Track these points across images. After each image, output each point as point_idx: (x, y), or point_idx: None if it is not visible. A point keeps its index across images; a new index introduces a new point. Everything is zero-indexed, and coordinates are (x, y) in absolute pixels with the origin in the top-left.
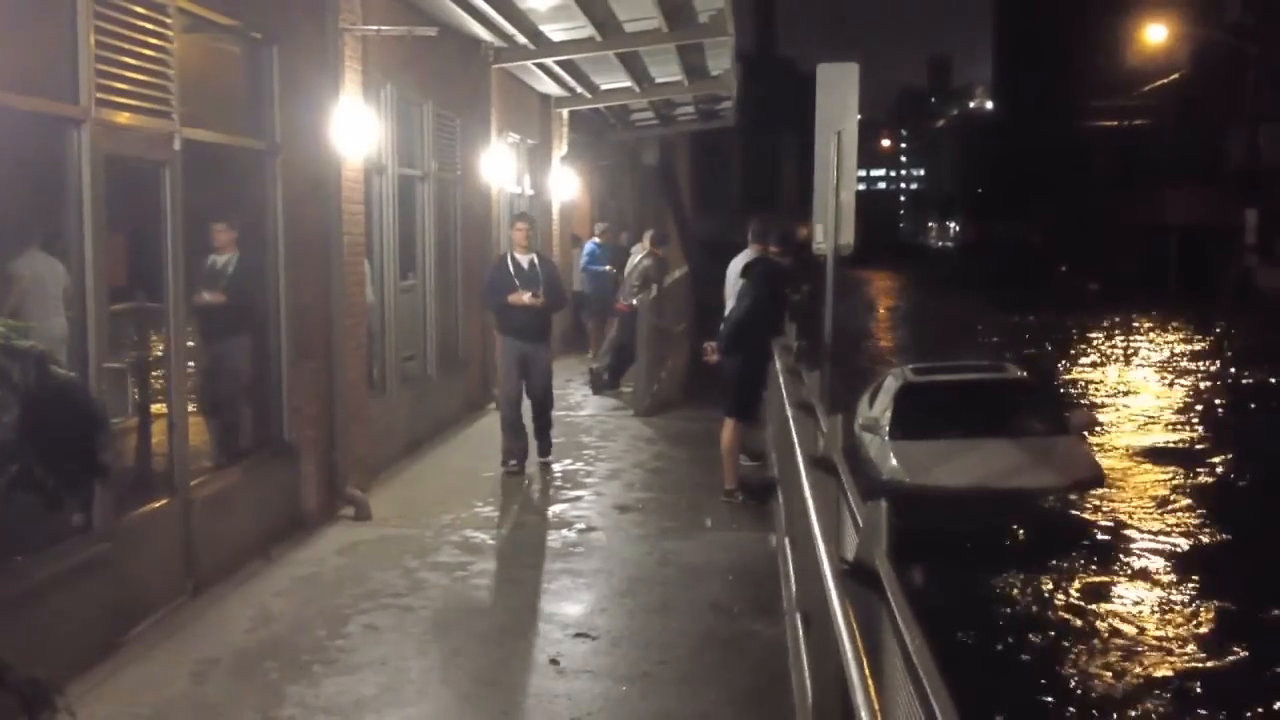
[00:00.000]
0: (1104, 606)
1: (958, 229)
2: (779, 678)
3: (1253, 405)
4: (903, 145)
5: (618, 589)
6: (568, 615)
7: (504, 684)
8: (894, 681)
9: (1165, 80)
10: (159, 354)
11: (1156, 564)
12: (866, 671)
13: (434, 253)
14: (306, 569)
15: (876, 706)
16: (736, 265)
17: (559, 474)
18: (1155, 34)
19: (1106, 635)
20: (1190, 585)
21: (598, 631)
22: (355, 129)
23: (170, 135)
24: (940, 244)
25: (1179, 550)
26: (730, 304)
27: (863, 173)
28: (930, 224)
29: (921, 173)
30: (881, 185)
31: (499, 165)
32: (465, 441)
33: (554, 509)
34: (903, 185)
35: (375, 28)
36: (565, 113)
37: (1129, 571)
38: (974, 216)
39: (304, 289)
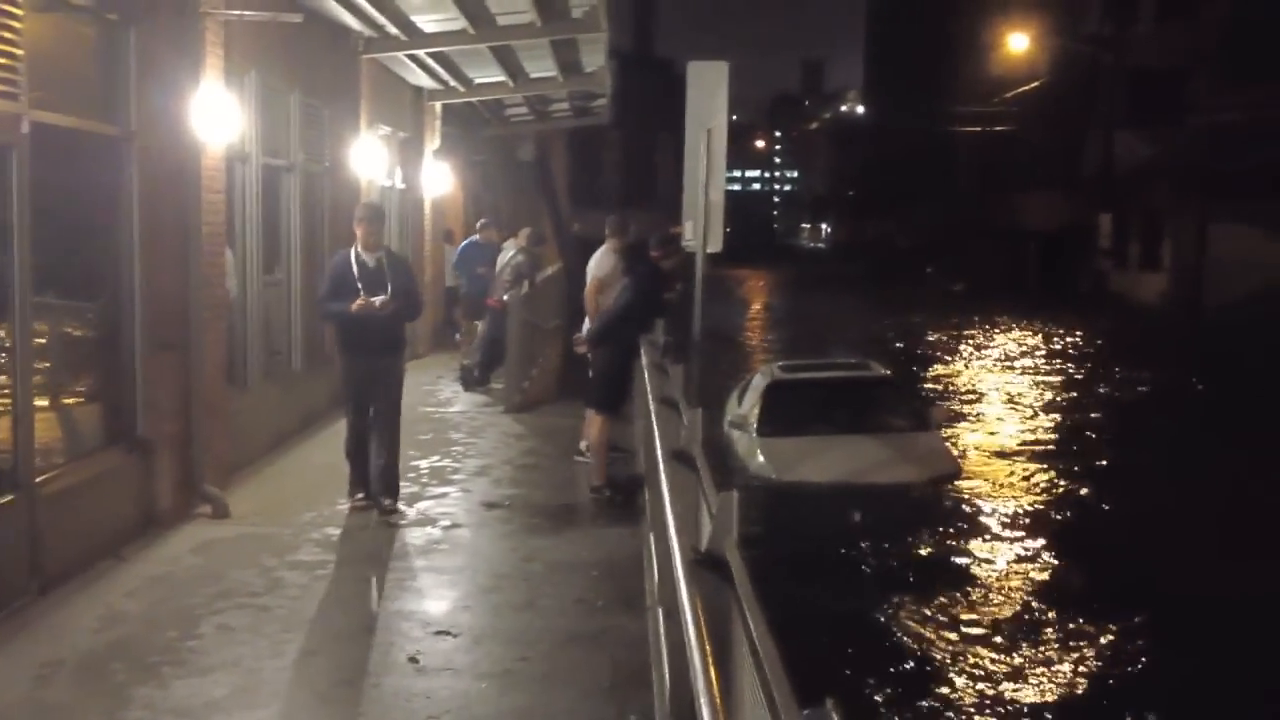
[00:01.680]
0: (954, 591)
1: (830, 230)
2: (641, 672)
3: (1100, 402)
4: (777, 147)
5: (482, 586)
6: (429, 613)
7: (361, 684)
8: (742, 668)
9: (1027, 88)
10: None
11: (1006, 549)
12: (710, 658)
13: (301, 245)
14: (159, 568)
15: (716, 691)
16: (594, 261)
17: (425, 470)
18: (1017, 42)
19: (954, 616)
20: (1036, 565)
21: (459, 629)
22: (216, 116)
23: (18, 118)
24: (813, 245)
25: (1028, 536)
26: (590, 299)
27: (737, 173)
28: (803, 225)
29: (795, 174)
30: (756, 186)
31: (369, 157)
32: (331, 437)
33: (419, 506)
34: (776, 186)
35: (238, 12)
36: (438, 106)
37: (979, 557)
38: (846, 218)
39: (161, 279)
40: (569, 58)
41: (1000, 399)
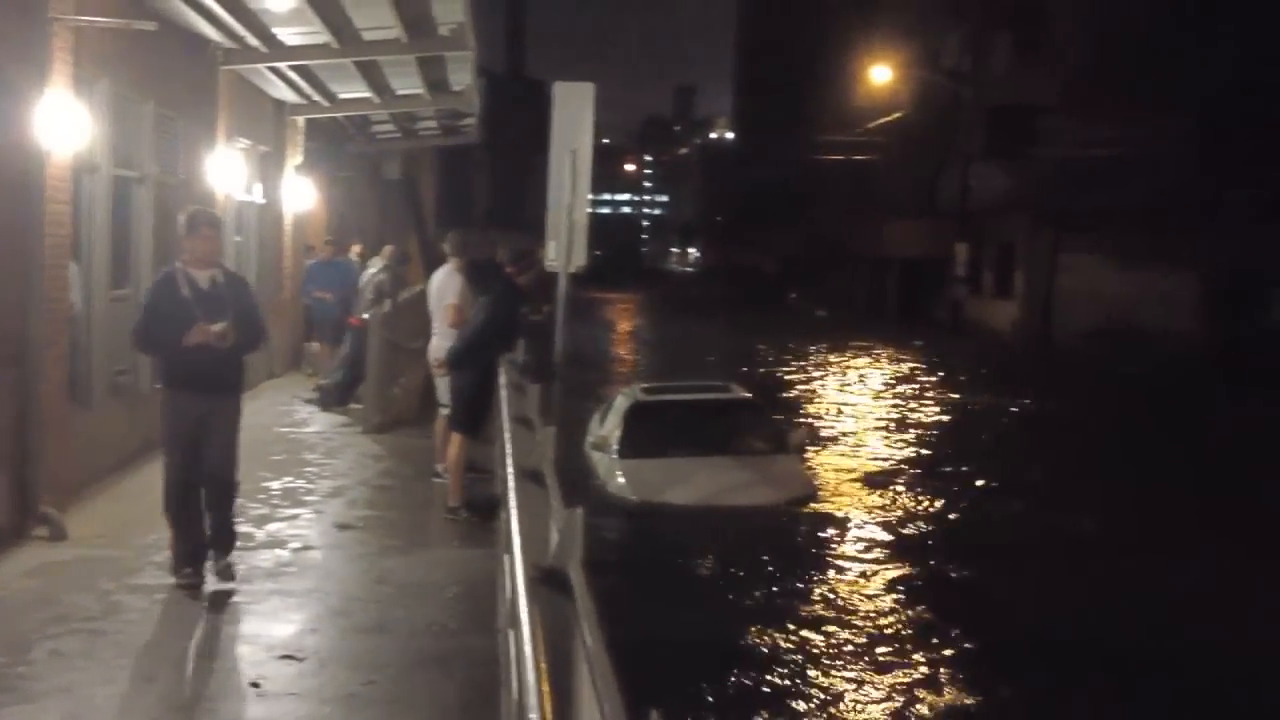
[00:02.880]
0: (802, 612)
1: (698, 255)
2: (491, 695)
3: (953, 426)
4: (647, 171)
5: (331, 608)
6: (274, 637)
7: (198, 710)
8: (581, 683)
9: (889, 118)
10: None
11: (858, 571)
12: (544, 673)
13: (153, 261)
14: None
15: (547, 706)
16: (437, 280)
17: (277, 491)
18: (880, 75)
19: (801, 636)
20: (886, 587)
21: (305, 653)
22: (63, 124)
23: None
24: (681, 269)
25: (880, 558)
26: (436, 319)
27: (607, 196)
28: (672, 249)
29: (665, 198)
30: (626, 209)
31: (227, 171)
32: None
33: (270, 528)
34: (646, 210)
35: (88, 18)
36: (301, 120)
37: (830, 579)
38: (714, 243)
39: None
40: (436, 75)
41: (858, 422)
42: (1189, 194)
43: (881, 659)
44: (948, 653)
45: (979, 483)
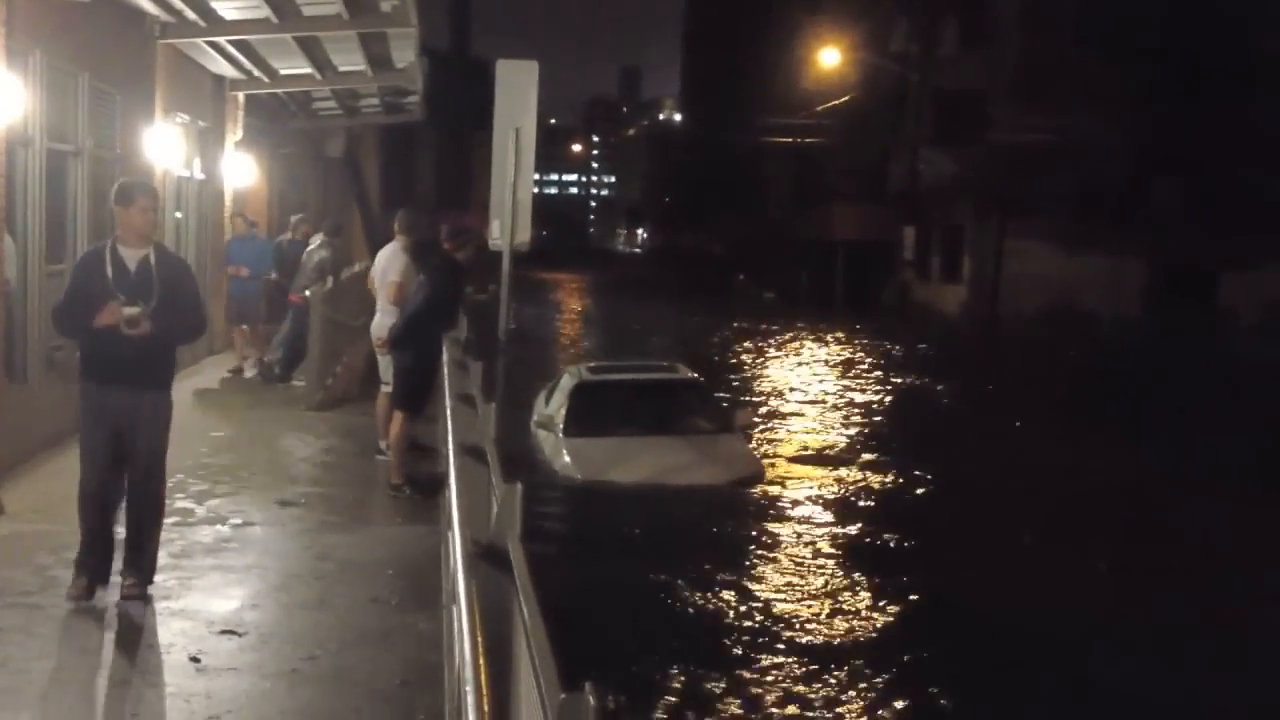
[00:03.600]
0: (748, 586)
1: (645, 236)
2: (432, 670)
3: (899, 410)
4: (594, 152)
5: (272, 584)
6: (214, 612)
7: (137, 684)
8: (519, 655)
9: (836, 102)
10: None
11: (803, 551)
12: (480, 645)
13: (89, 235)
14: None
15: (483, 677)
16: (383, 257)
17: (218, 467)
18: (828, 58)
19: (744, 610)
20: (832, 565)
21: (246, 628)
22: None
23: None
24: (628, 250)
25: (827, 536)
26: (380, 296)
27: (554, 177)
28: (620, 230)
29: (612, 180)
30: (573, 190)
31: (165, 146)
32: None
33: (210, 504)
34: (594, 191)
35: None
36: (241, 96)
37: (775, 557)
38: (661, 224)
39: None
40: (379, 52)
41: (805, 403)
42: (1128, 181)
43: (824, 634)
44: (888, 626)
45: (922, 463)
